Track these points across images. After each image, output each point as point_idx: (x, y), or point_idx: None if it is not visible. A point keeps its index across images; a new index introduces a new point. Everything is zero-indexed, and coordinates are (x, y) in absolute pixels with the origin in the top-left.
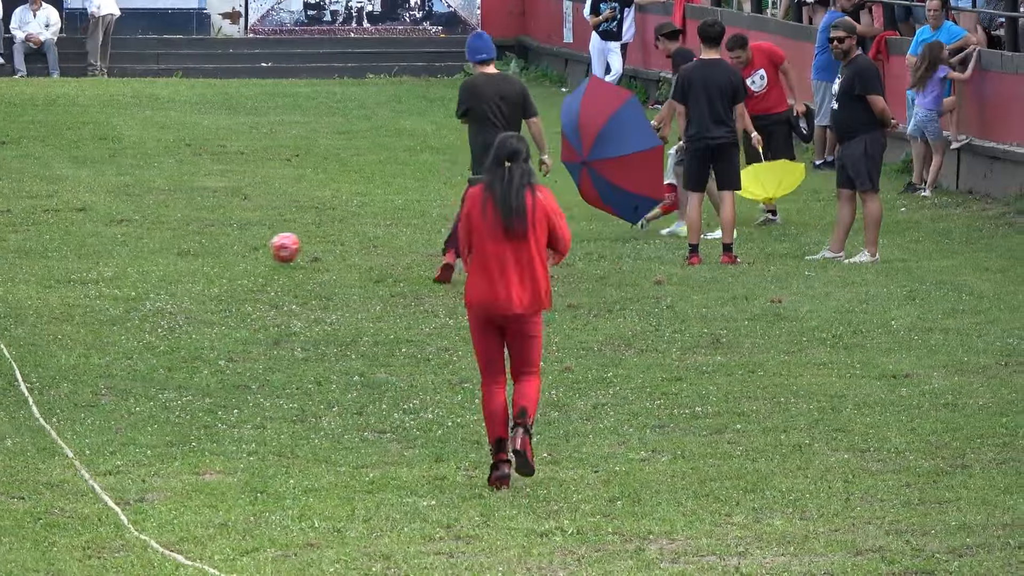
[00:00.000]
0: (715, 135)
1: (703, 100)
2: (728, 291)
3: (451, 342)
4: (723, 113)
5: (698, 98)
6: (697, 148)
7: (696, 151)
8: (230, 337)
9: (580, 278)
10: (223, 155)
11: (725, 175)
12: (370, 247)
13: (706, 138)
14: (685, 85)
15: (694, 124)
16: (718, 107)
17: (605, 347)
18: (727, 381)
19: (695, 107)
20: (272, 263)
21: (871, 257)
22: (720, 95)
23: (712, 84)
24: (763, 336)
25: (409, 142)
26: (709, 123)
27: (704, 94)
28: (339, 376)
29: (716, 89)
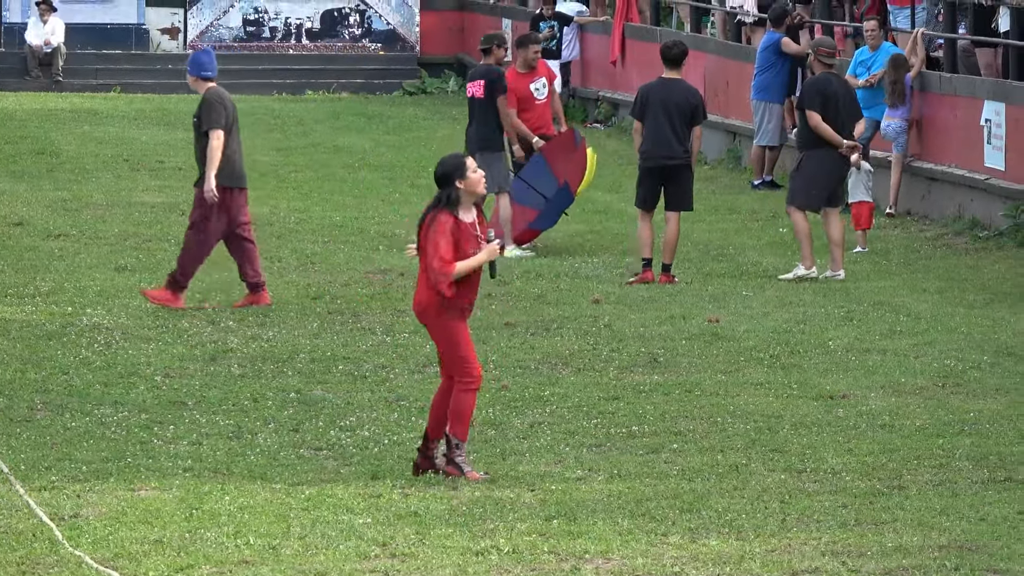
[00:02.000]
0: (670, 155)
1: (661, 118)
2: (666, 310)
3: (388, 359)
4: (680, 133)
5: (656, 116)
6: (651, 167)
7: (649, 169)
8: (167, 353)
9: (518, 296)
10: (161, 171)
11: (675, 196)
12: (308, 264)
13: (661, 156)
14: (643, 102)
15: (648, 141)
16: (676, 126)
17: (542, 365)
18: (664, 400)
19: (652, 125)
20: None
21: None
22: (679, 114)
23: (671, 103)
24: (700, 356)
25: (347, 159)
26: (665, 142)
27: (663, 112)
28: (275, 393)
29: (675, 108)
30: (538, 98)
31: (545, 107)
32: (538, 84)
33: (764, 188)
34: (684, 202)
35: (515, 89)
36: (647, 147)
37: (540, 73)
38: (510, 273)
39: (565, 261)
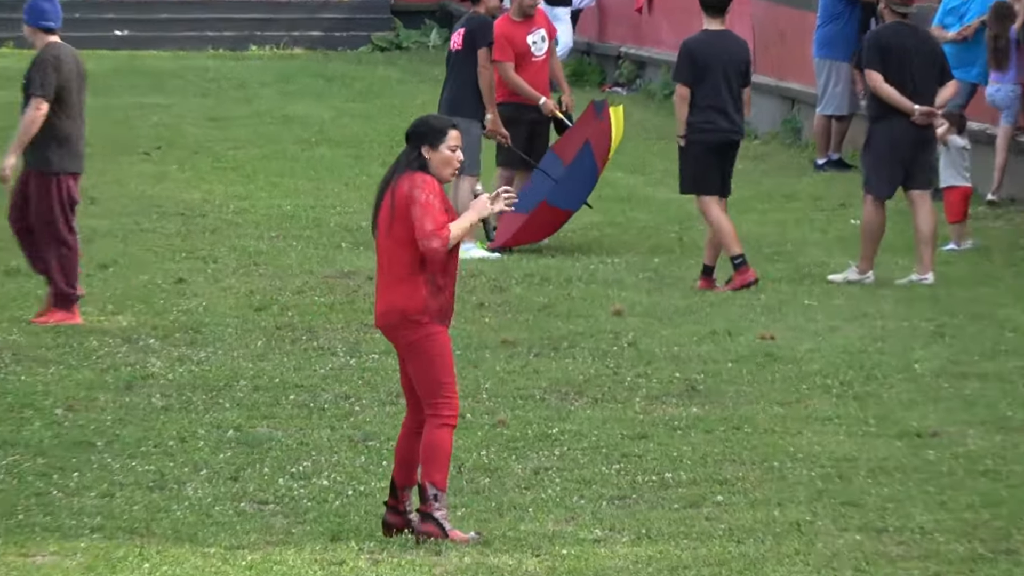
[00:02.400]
0: (734, 127)
1: (719, 82)
2: (706, 324)
3: (352, 387)
4: (738, 99)
5: (713, 79)
6: (710, 143)
7: (708, 146)
8: (70, 379)
9: (518, 307)
10: None
11: (728, 180)
12: (250, 265)
13: (726, 130)
14: (695, 61)
15: (708, 111)
16: (733, 91)
17: (549, 395)
18: (705, 440)
19: (709, 91)
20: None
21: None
22: (736, 76)
23: (726, 62)
24: (751, 382)
25: (301, 132)
26: (726, 111)
27: (720, 74)
28: (209, 430)
29: (731, 68)
30: (536, 54)
31: (543, 66)
32: (536, 37)
33: (830, 168)
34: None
35: (510, 40)
36: (707, 118)
37: (539, 23)
38: (508, 278)
39: (578, 261)
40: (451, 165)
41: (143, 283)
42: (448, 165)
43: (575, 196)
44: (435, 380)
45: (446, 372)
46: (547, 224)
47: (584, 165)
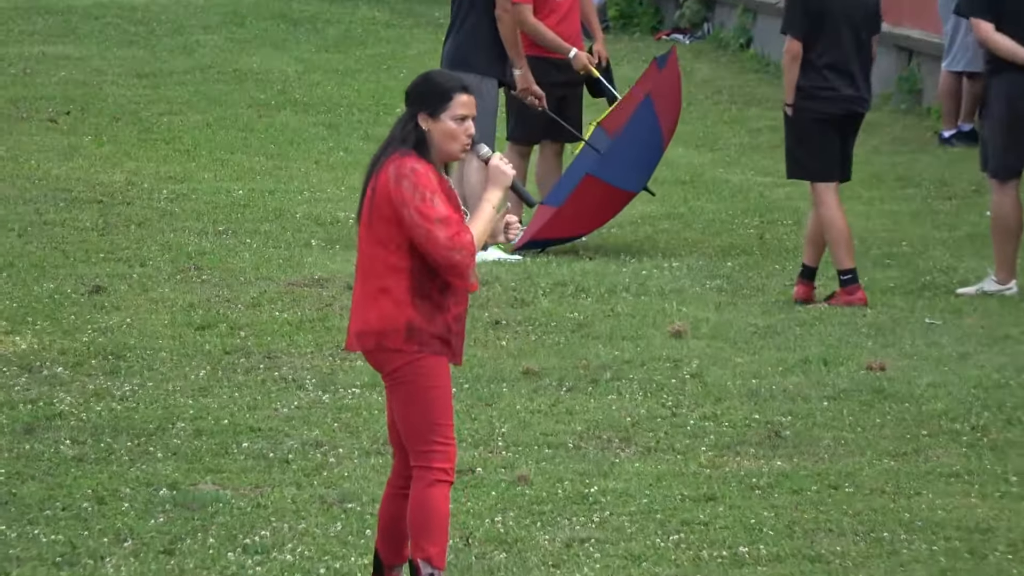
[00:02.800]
0: (862, 96)
1: (843, 34)
2: (794, 350)
3: (325, 432)
4: (868, 57)
5: (837, 34)
6: (828, 113)
7: (825, 118)
8: None
9: (545, 325)
10: None
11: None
12: (189, 270)
13: (852, 100)
14: (810, 8)
15: (827, 73)
16: (863, 47)
17: (586, 443)
18: (792, 502)
19: (832, 49)
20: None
21: (1000, 285)
22: (865, 26)
23: (856, 12)
24: (854, 427)
25: (257, 92)
26: (852, 76)
27: (847, 27)
28: (135, 488)
29: (861, 20)
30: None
31: (572, 7)
32: None
33: (960, 143)
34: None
35: None
36: (826, 82)
37: None
38: (532, 287)
39: (625, 266)
40: (457, 140)
41: (48, 293)
42: (453, 139)
43: (632, 171)
44: (424, 421)
45: (439, 411)
46: (594, 209)
47: (643, 127)
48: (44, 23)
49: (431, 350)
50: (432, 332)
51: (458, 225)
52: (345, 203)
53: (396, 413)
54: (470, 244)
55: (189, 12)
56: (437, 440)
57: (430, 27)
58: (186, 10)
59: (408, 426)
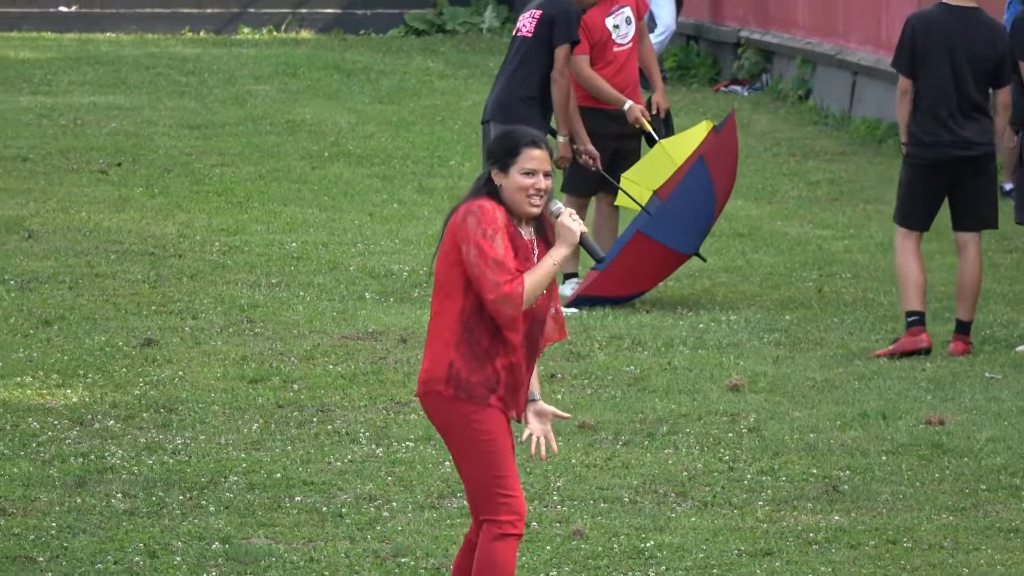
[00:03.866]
0: (966, 140)
1: (947, 74)
2: (853, 404)
3: (379, 486)
4: (979, 101)
5: (939, 69)
6: (934, 161)
7: (928, 163)
8: (1, 473)
9: (601, 378)
10: None
11: (970, 207)
12: (242, 322)
13: (950, 145)
14: (917, 45)
15: (929, 116)
16: (972, 91)
17: (642, 497)
18: (851, 558)
19: (933, 85)
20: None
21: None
22: (979, 70)
23: (965, 50)
24: (912, 482)
25: (310, 144)
26: (958, 116)
27: (949, 63)
28: (187, 542)
29: (973, 59)
30: (619, 42)
31: (629, 57)
32: (618, 18)
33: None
34: (987, 216)
35: (585, 24)
36: (926, 126)
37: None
38: (588, 340)
39: (682, 319)
40: (527, 192)
41: (99, 346)
42: (522, 193)
43: (683, 232)
44: (482, 475)
45: (497, 464)
46: (644, 268)
47: (696, 188)
48: (94, 73)
49: (477, 400)
50: (476, 379)
51: (512, 273)
52: (399, 256)
53: (458, 470)
54: (519, 296)
55: (240, 63)
56: (499, 493)
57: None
58: (237, 60)
59: (466, 480)
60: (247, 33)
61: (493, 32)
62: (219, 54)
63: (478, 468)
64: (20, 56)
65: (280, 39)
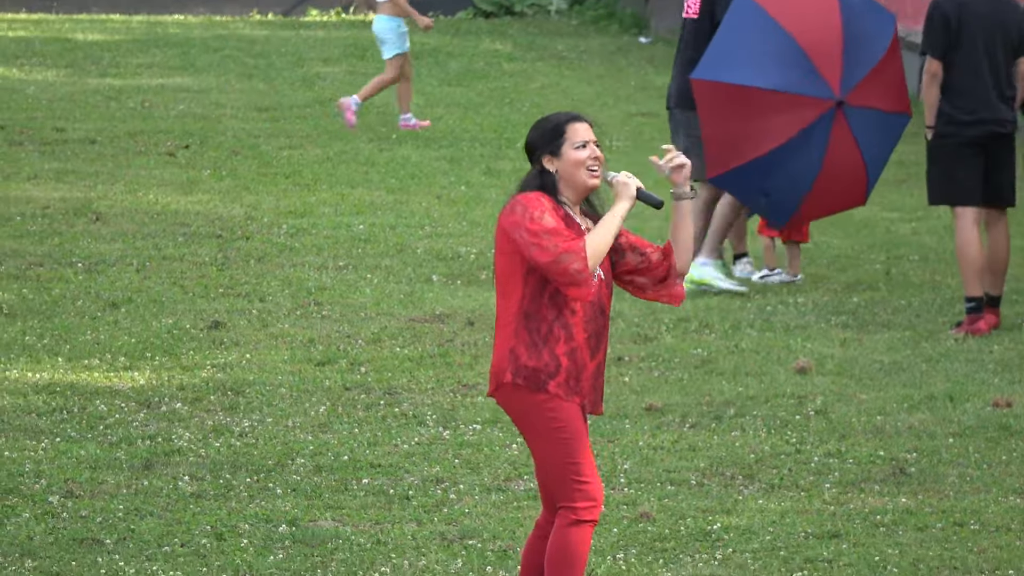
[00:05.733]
0: (999, 117)
1: (981, 54)
2: (921, 387)
3: (446, 469)
4: (1007, 79)
5: (974, 50)
6: (969, 136)
7: (966, 140)
8: (69, 456)
9: (668, 360)
10: (60, 144)
11: (999, 185)
12: (309, 305)
13: (988, 121)
14: (951, 26)
15: (966, 95)
16: (1001, 69)
17: (709, 479)
18: (918, 540)
19: (968, 66)
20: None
21: None
22: (1007, 48)
23: (996, 28)
24: (979, 463)
25: (378, 126)
26: (990, 96)
27: (983, 44)
28: (255, 525)
29: (1001, 38)
30: None
31: None
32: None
33: None
34: (1010, 193)
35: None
36: (965, 104)
37: None
38: (655, 322)
39: (749, 301)
40: (585, 165)
41: (166, 328)
42: (581, 166)
43: (736, 63)
44: (557, 464)
45: (571, 451)
46: (732, 120)
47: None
48: (162, 55)
49: (539, 387)
50: (535, 365)
51: (569, 236)
52: (467, 238)
53: (534, 457)
54: (581, 249)
55: (309, 45)
56: (575, 480)
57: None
58: (306, 43)
59: (542, 470)
60: (315, 15)
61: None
62: (287, 36)
63: (552, 456)
64: (88, 38)
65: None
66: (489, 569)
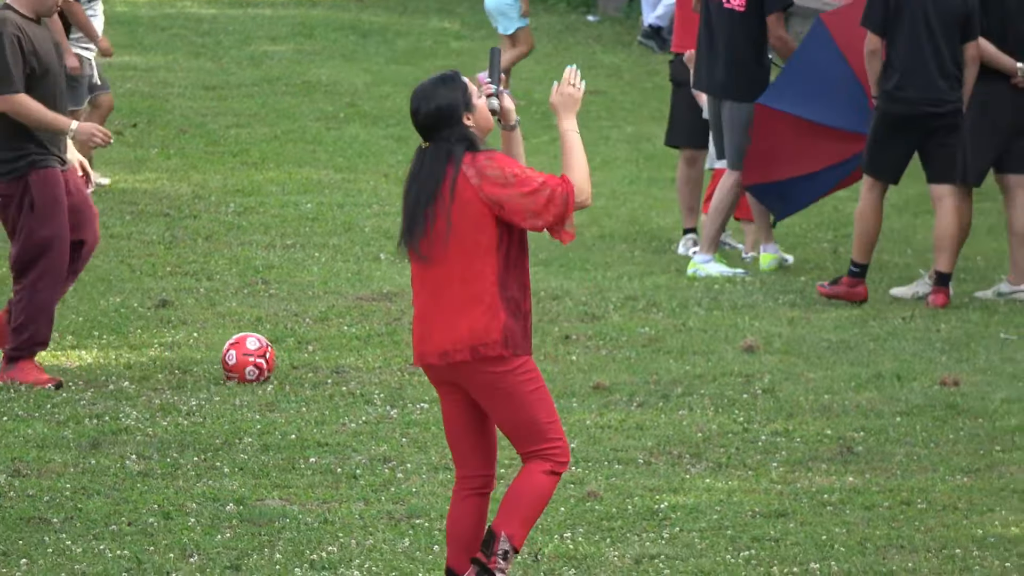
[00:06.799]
0: (937, 98)
1: (923, 33)
2: (868, 365)
3: (393, 447)
4: (951, 59)
5: (915, 28)
6: (902, 115)
7: (899, 118)
8: (16, 434)
9: (615, 339)
10: None
11: (943, 161)
12: (257, 284)
13: (922, 101)
14: (890, 3)
15: (900, 72)
16: (942, 48)
17: (657, 458)
18: (865, 518)
19: (906, 44)
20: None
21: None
22: (947, 27)
23: (942, 7)
24: (926, 442)
25: (325, 104)
26: (928, 75)
27: (923, 22)
28: (202, 503)
29: (941, 16)
30: None
31: None
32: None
33: None
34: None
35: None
36: (897, 83)
37: None
38: (603, 301)
39: (696, 280)
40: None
41: (114, 307)
42: (486, 112)
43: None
44: (535, 423)
45: (547, 410)
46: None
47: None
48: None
49: (524, 351)
50: (521, 332)
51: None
52: None
53: (501, 423)
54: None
55: (257, 23)
56: (551, 438)
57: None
58: (254, 21)
59: (520, 432)
60: None
61: None
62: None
63: (532, 418)
64: None
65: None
66: (436, 548)
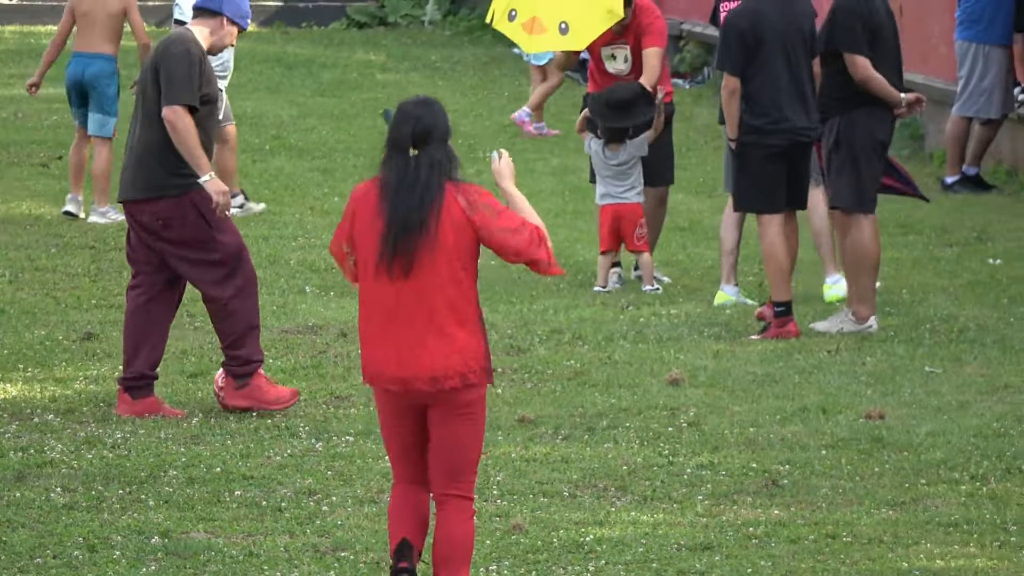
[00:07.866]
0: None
1: (780, 63)
2: (793, 398)
3: (318, 480)
4: (810, 83)
5: (773, 60)
6: (771, 145)
7: (772, 151)
8: None
9: (540, 372)
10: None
11: (800, 189)
12: (182, 316)
13: (788, 131)
14: (748, 43)
15: (768, 105)
16: (802, 73)
17: (582, 491)
18: (790, 552)
19: (769, 76)
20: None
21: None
22: (805, 49)
23: (794, 33)
24: (852, 476)
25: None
26: (795, 103)
27: (781, 52)
28: (127, 536)
29: (798, 40)
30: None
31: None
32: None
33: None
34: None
35: None
36: (765, 115)
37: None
38: (528, 334)
39: (622, 313)
40: None
41: (39, 339)
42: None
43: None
44: (476, 456)
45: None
46: None
47: None
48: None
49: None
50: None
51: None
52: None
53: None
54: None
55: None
56: (472, 477)
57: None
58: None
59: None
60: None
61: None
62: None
63: (478, 448)
64: None
65: None
66: None
